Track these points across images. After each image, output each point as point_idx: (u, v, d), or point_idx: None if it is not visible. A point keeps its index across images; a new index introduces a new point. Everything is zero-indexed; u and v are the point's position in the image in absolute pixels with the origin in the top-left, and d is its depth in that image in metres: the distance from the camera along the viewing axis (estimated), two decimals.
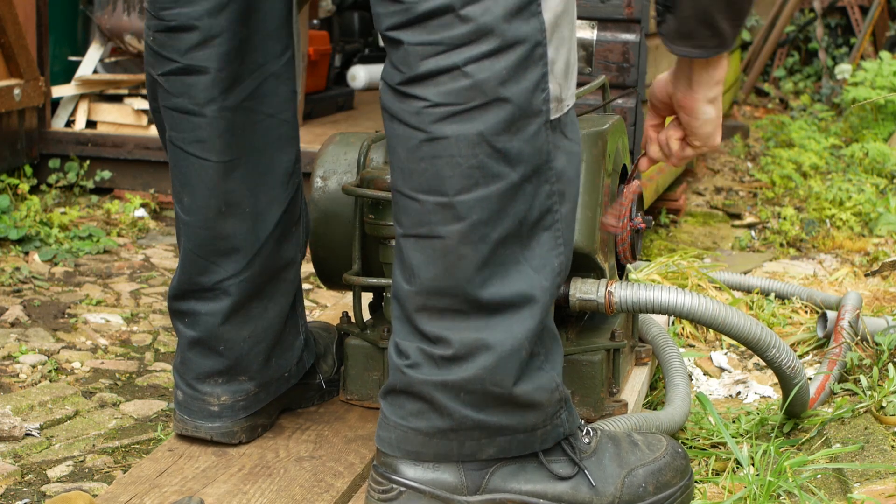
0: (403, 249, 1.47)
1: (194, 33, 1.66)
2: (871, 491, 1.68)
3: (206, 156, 1.71)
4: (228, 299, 1.78)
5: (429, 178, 1.42)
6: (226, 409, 1.81)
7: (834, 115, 6.51)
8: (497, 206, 1.42)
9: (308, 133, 4.44)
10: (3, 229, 3.33)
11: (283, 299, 1.84)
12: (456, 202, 1.41)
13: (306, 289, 3.22)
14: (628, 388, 2.04)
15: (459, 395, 1.48)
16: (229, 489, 1.69)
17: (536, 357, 1.51)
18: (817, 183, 4.74)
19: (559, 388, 1.55)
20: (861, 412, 2.01)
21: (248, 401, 1.82)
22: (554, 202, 1.47)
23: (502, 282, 1.45)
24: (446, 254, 1.43)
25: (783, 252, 3.85)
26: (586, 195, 1.85)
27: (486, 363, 1.46)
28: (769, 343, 1.87)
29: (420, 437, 1.51)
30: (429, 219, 1.43)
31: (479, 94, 1.39)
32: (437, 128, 1.40)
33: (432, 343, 1.48)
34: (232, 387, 1.81)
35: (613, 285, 1.85)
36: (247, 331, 1.80)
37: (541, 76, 1.42)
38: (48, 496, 1.84)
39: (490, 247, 1.43)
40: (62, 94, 4.18)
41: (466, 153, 1.40)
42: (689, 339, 2.68)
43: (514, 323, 1.47)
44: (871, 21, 7.30)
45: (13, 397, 2.25)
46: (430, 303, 1.47)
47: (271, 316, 1.82)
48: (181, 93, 1.69)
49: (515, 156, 1.42)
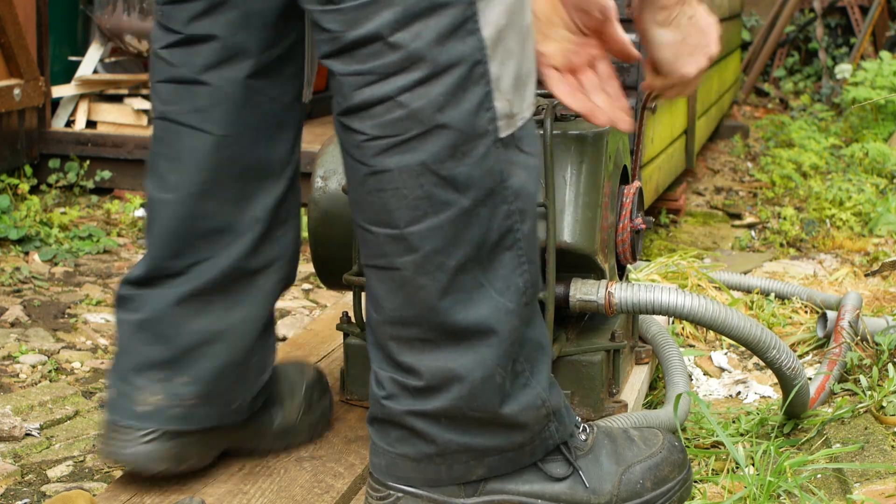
0: (368, 279, 1.45)
1: (199, 1, 1.61)
2: (871, 491, 1.68)
3: (203, 126, 1.63)
4: (191, 283, 1.63)
5: (378, 210, 1.38)
6: (154, 411, 1.62)
7: (834, 115, 6.51)
8: (451, 234, 1.37)
9: (308, 133, 4.43)
10: (3, 229, 3.33)
11: (250, 309, 1.68)
12: (407, 234, 1.37)
13: (306, 289, 3.22)
14: (628, 388, 2.04)
15: (440, 422, 1.45)
16: (229, 489, 1.69)
17: (521, 375, 1.48)
18: (817, 183, 4.74)
19: (546, 404, 1.51)
20: (861, 412, 2.01)
21: (180, 409, 1.63)
22: (514, 221, 1.42)
23: (466, 308, 1.41)
24: (405, 285, 1.39)
25: (783, 252, 3.85)
26: (586, 195, 1.85)
27: (460, 393, 1.44)
28: (769, 344, 1.87)
29: (409, 462, 1.48)
30: (384, 250, 1.39)
31: (417, 124, 1.34)
32: (378, 161, 1.36)
33: (405, 373, 1.44)
34: (168, 386, 1.63)
35: (613, 286, 1.85)
36: (200, 322, 1.64)
37: (483, 96, 1.36)
38: (48, 496, 1.84)
39: (448, 275, 1.39)
40: (62, 94, 4.18)
41: (411, 184, 1.35)
42: (688, 338, 2.68)
43: (483, 349, 1.43)
44: (871, 21, 7.31)
45: (13, 397, 2.25)
46: (397, 332, 1.43)
47: (234, 320, 1.66)
48: (182, 63, 1.63)
49: (464, 181, 1.37)
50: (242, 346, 1.67)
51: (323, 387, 1.87)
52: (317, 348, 2.29)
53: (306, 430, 1.81)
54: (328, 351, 2.28)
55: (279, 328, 2.78)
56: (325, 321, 2.48)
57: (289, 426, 1.79)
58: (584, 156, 1.86)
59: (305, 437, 1.81)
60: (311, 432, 1.82)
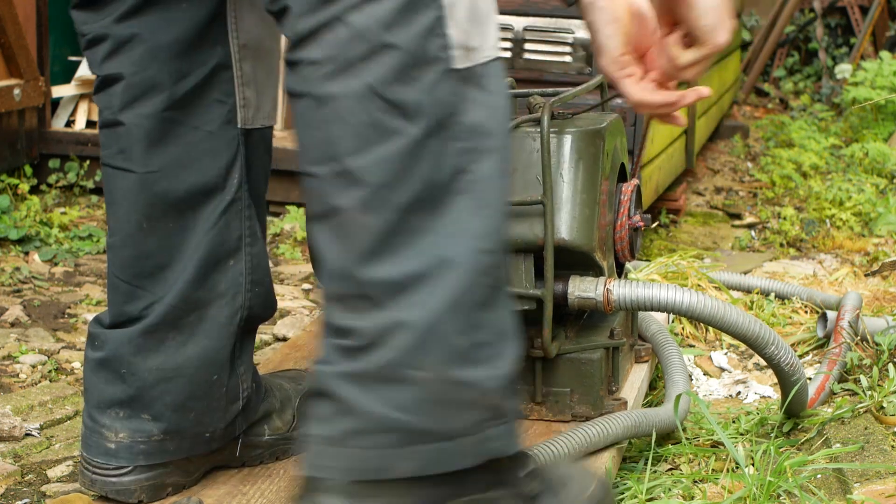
0: (312, 237, 1.32)
1: (106, 43, 1.60)
2: (871, 491, 1.68)
3: (128, 166, 1.61)
4: (143, 323, 1.63)
5: (321, 145, 1.27)
6: (123, 448, 1.63)
7: (834, 115, 6.51)
8: (398, 168, 1.26)
9: None
10: (3, 229, 3.33)
11: (206, 342, 1.65)
12: (351, 167, 1.26)
13: (306, 289, 3.22)
14: (628, 386, 2.04)
15: (367, 385, 1.27)
16: (229, 490, 1.69)
17: (480, 347, 1.30)
18: (817, 183, 4.74)
19: (497, 393, 1.30)
20: (861, 412, 2.01)
21: (149, 445, 1.63)
22: (468, 161, 1.29)
23: (411, 254, 1.27)
24: (347, 226, 1.27)
25: (783, 252, 3.85)
26: (584, 193, 1.85)
27: (403, 343, 1.26)
28: (768, 340, 1.87)
29: (329, 449, 1.28)
30: (327, 191, 1.28)
31: (362, 43, 1.25)
32: (323, 88, 1.26)
33: (343, 335, 1.29)
34: (132, 423, 1.63)
35: (612, 283, 1.85)
36: (155, 361, 1.63)
37: (434, 20, 1.27)
38: (48, 496, 1.83)
39: (396, 214, 1.26)
40: (62, 94, 4.18)
41: (357, 110, 1.25)
42: (688, 338, 2.68)
43: (432, 295, 1.27)
44: (871, 21, 7.30)
45: (13, 397, 2.25)
46: (338, 289, 1.30)
47: (189, 355, 1.64)
48: (105, 106, 1.62)
49: (413, 108, 1.26)
50: (203, 380, 1.65)
51: None
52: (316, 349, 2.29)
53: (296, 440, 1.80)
54: None
55: (279, 328, 2.78)
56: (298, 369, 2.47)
57: (280, 439, 1.78)
58: (582, 154, 1.86)
59: (298, 445, 1.78)
60: None
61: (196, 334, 1.64)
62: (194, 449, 1.67)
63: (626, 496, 1.77)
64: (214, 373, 1.65)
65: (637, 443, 2.00)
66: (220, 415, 1.68)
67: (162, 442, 1.64)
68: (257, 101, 1.64)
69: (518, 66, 3.42)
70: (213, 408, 1.67)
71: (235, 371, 1.68)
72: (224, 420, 1.68)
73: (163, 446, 1.64)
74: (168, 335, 1.62)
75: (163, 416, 1.63)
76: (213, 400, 1.66)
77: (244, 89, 1.62)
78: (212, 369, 1.65)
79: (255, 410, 1.75)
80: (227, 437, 1.71)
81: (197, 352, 1.64)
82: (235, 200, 1.64)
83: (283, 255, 3.61)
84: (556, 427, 1.89)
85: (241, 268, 1.66)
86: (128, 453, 1.63)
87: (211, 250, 1.63)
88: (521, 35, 3.41)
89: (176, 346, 1.63)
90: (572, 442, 1.73)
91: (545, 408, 1.91)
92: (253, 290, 1.68)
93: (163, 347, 1.62)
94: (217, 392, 1.66)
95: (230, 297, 1.65)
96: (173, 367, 1.63)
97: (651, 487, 1.79)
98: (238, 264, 1.66)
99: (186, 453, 1.66)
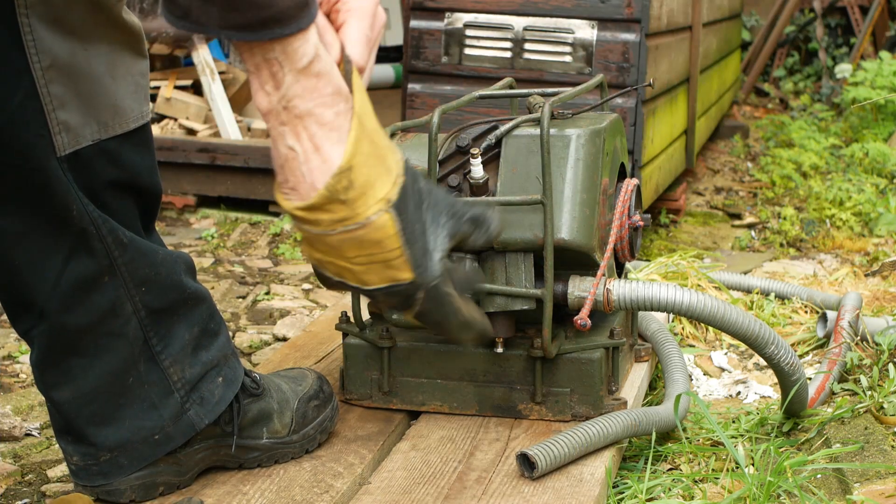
0: None
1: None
2: (871, 491, 1.68)
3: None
4: (36, 350, 1.60)
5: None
6: (80, 469, 1.64)
7: (834, 115, 6.51)
8: None
9: None
10: None
11: (110, 356, 1.61)
12: None
13: (306, 289, 3.22)
14: (628, 385, 2.04)
15: None
16: (228, 489, 1.69)
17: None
18: (817, 183, 4.74)
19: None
20: (861, 412, 2.01)
21: (100, 466, 1.63)
22: None
23: None
24: None
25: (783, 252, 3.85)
26: (584, 193, 1.85)
27: None
28: (767, 340, 1.87)
29: None
30: None
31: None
32: None
33: None
34: (80, 448, 1.64)
35: (611, 283, 1.85)
36: (68, 391, 1.61)
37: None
38: (48, 496, 1.83)
39: None
40: None
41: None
42: (688, 338, 2.68)
43: None
44: (871, 21, 7.30)
45: (13, 397, 2.25)
46: None
47: (98, 374, 1.61)
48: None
49: None
50: (121, 390, 1.63)
51: (324, 398, 1.85)
52: (316, 349, 2.29)
53: (299, 443, 1.79)
54: (328, 351, 2.27)
55: (279, 328, 2.78)
56: (324, 322, 2.48)
57: (278, 441, 1.78)
58: (582, 153, 1.86)
59: (298, 449, 1.79)
60: (306, 444, 1.80)
61: (96, 354, 1.60)
62: (151, 454, 1.65)
63: (626, 495, 1.77)
64: (128, 377, 1.63)
65: (637, 442, 2.00)
66: (156, 412, 1.65)
67: (112, 459, 1.64)
68: (81, 119, 1.52)
69: (518, 66, 3.42)
70: (145, 408, 1.64)
71: (157, 365, 1.64)
72: (164, 416, 1.65)
73: (115, 462, 1.64)
74: (71, 363, 1.60)
75: (100, 437, 1.62)
76: (140, 402, 1.64)
77: (58, 114, 1.49)
78: (124, 375, 1.62)
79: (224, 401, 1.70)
80: (187, 430, 1.67)
81: (105, 368, 1.61)
82: (85, 228, 1.55)
83: (282, 255, 3.61)
84: (556, 427, 1.89)
85: (118, 280, 1.60)
86: (86, 474, 1.64)
87: (74, 281, 1.57)
88: (521, 35, 3.41)
89: (83, 371, 1.60)
90: (572, 441, 1.73)
91: (545, 408, 1.91)
92: (139, 291, 1.62)
93: (71, 376, 1.60)
94: (140, 392, 1.64)
95: (117, 309, 1.60)
96: (88, 391, 1.61)
97: (651, 487, 1.80)
98: (114, 279, 1.59)
99: (144, 461, 1.65)
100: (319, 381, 1.86)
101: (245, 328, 2.85)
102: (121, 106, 1.57)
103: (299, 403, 1.81)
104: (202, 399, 1.68)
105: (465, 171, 1.88)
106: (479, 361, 1.93)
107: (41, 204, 1.52)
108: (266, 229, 3.91)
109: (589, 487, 1.68)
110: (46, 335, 1.59)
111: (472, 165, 1.85)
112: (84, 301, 1.58)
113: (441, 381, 1.95)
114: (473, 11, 3.45)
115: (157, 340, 1.64)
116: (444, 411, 1.96)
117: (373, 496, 1.67)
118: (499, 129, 1.90)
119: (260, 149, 4.07)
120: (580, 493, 1.67)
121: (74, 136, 1.51)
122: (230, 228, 3.95)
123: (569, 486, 1.69)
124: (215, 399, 1.69)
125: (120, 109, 1.57)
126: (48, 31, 1.47)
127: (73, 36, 1.49)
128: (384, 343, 1.95)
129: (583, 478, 1.71)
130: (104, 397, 1.62)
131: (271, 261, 3.56)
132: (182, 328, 1.67)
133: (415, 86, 3.54)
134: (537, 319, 1.87)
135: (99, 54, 1.52)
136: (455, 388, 1.94)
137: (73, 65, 1.50)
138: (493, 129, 1.91)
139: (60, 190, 1.52)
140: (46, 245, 1.55)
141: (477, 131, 1.92)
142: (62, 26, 1.48)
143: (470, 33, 3.46)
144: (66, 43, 1.49)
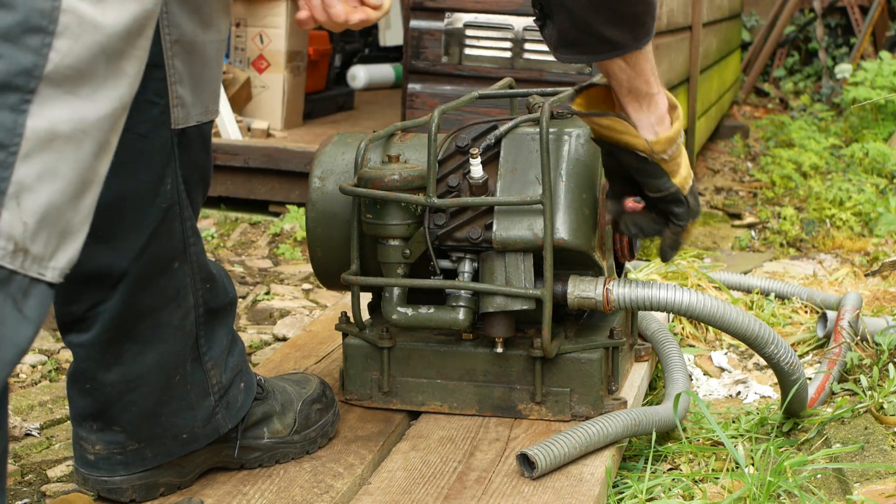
0: None
1: None
2: (871, 491, 1.68)
3: None
4: (95, 329, 1.57)
5: None
6: (101, 459, 1.64)
7: (834, 115, 6.51)
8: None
9: (308, 133, 4.44)
10: None
11: (163, 347, 1.61)
12: None
13: (306, 289, 3.22)
14: (627, 385, 2.04)
15: None
16: (229, 490, 1.69)
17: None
18: (817, 183, 4.74)
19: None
20: (861, 412, 2.01)
21: (125, 456, 1.64)
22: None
23: None
24: None
25: (783, 252, 3.85)
26: (584, 193, 1.85)
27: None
28: (767, 339, 1.87)
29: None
30: None
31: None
32: None
33: None
34: (106, 436, 1.63)
35: (611, 283, 1.85)
36: (116, 374, 1.60)
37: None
38: (48, 496, 1.83)
39: None
40: None
41: None
42: (688, 338, 2.68)
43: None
44: (871, 21, 7.30)
45: (13, 397, 2.25)
46: None
47: (148, 363, 1.61)
48: None
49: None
50: (167, 383, 1.63)
51: (326, 403, 1.85)
52: (316, 349, 2.29)
53: (300, 443, 1.80)
54: (328, 351, 2.28)
55: (279, 328, 2.78)
56: (323, 322, 2.48)
57: (280, 441, 1.78)
58: (581, 153, 1.86)
59: (299, 449, 1.80)
60: (306, 446, 1.81)
61: (152, 341, 1.60)
62: (175, 451, 1.66)
63: (626, 495, 1.77)
64: (176, 374, 1.63)
65: (637, 442, 2.00)
66: (192, 413, 1.66)
67: (138, 451, 1.64)
68: (192, 99, 1.57)
69: (518, 66, 3.42)
70: (182, 409, 1.66)
71: (201, 366, 1.67)
72: (197, 417, 1.67)
73: (140, 454, 1.64)
74: (124, 347, 1.59)
75: (133, 426, 1.63)
76: (180, 400, 1.65)
77: (177, 87, 1.55)
78: (172, 371, 1.63)
79: (245, 406, 1.73)
80: (211, 433, 1.69)
81: (156, 358, 1.61)
82: (172, 206, 1.58)
83: (283, 255, 3.61)
84: (556, 427, 1.89)
85: (187, 269, 1.62)
86: (107, 464, 1.64)
87: (155, 257, 1.57)
88: (521, 35, 3.41)
89: (133, 357, 1.60)
90: (572, 441, 1.73)
91: (545, 407, 1.91)
92: (203, 286, 1.65)
93: (122, 360, 1.60)
94: (182, 391, 1.65)
95: (180, 299, 1.62)
96: (135, 378, 1.61)
97: (651, 487, 1.79)
98: (183, 265, 1.61)
99: (167, 457, 1.66)
100: (322, 386, 1.87)
101: (245, 328, 2.85)
102: (217, 94, 1.64)
103: (303, 405, 1.82)
104: (228, 404, 1.71)
105: (465, 171, 1.88)
106: (478, 361, 1.93)
107: (145, 171, 1.54)
108: (266, 229, 3.90)
109: (589, 487, 1.68)
110: (112, 311, 1.56)
111: (472, 165, 1.86)
112: (156, 282, 1.59)
113: (441, 381, 1.95)
114: (473, 11, 3.45)
115: (205, 341, 1.67)
116: (444, 411, 1.96)
117: (373, 496, 1.67)
118: (498, 129, 1.90)
119: (260, 149, 4.05)
120: (580, 492, 1.67)
121: (186, 113, 1.56)
122: (230, 228, 3.95)
123: (569, 485, 1.69)
124: (238, 404, 1.72)
125: (216, 97, 1.64)
126: (178, 6, 1.52)
127: (196, 16, 1.54)
128: (384, 343, 1.95)
129: (583, 477, 1.71)
130: (148, 389, 1.62)
131: (271, 261, 3.56)
132: (222, 332, 1.70)
133: (415, 86, 3.54)
134: (537, 319, 1.87)
135: (212, 40, 1.59)
136: (455, 388, 1.94)
137: (193, 44, 1.55)
138: (492, 129, 1.92)
139: (164, 161, 1.55)
140: (139, 214, 1.55)
141: (476, 131, 1.92)
142: (190, 3, 1.52)
143: (470, 33, 3.46)
144: (192, 22, 1.54)
